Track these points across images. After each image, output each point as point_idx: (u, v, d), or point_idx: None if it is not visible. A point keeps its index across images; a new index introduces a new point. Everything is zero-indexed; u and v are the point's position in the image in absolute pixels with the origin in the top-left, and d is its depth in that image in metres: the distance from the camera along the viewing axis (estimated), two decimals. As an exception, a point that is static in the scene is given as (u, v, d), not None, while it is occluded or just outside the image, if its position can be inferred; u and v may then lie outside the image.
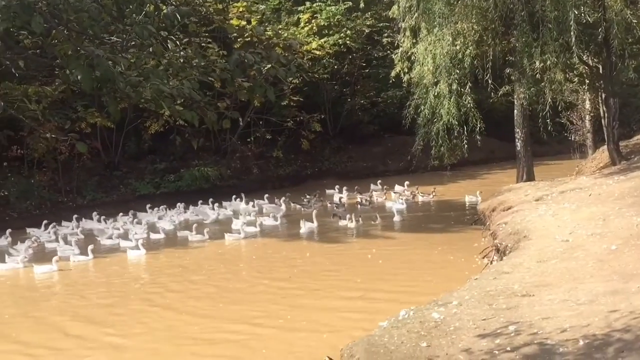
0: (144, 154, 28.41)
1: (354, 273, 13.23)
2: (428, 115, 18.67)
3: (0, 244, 18.44)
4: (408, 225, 18.76)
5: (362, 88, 33.52)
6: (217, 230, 19.15)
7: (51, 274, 14.88)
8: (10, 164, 24.89)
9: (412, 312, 7.51)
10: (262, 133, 29.86)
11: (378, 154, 33.04)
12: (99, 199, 25.31)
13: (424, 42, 18.77)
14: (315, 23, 30.88)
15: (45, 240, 18.76)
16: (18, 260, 15.67)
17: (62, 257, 15.69)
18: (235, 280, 13.47)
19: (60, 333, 10.63)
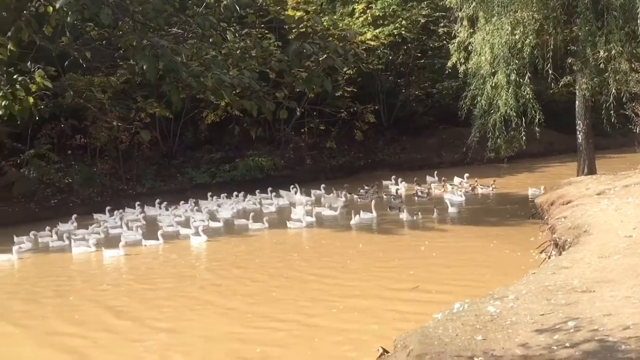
0: (200, 143, 29.02)
1: (406, 265, 13.16)
2: (485, 107, 18.34)
3: (67, 228, 19.21)
4: (464, 217, 18.50)
5: (417, 79, 33.12)
6: (276, 219, 19.43)
7: (118, 258, 15.46)
8: (74, 152, 25.88)
9: (466, 305, 7.42)
10: (315, 124, 29.98)
11: (432, 145, 32.67)
12: (157, 187, 26.03)
13: (481, 31, 18.40)
14: (370, 13, 30.70)
15: (110, 225, 19.41)
16: (90, 244, 16.31)
17: (128, 242, 16.28)
18: (288, 269, 13.61)
19: (118, 317, 10.96)
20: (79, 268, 15.29)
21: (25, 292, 13.21)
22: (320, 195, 23.07)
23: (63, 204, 23.70)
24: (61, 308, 11.70)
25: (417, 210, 18.42)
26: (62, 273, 14.66)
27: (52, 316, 11.28)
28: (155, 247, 16.60)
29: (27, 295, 12.85)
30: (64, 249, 17.10)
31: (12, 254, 16.00)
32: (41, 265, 15.84)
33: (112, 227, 19.33)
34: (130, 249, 16.12)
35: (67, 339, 9.94)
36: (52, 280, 13.96)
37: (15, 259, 16.00)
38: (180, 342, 9.48)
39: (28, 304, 12.12)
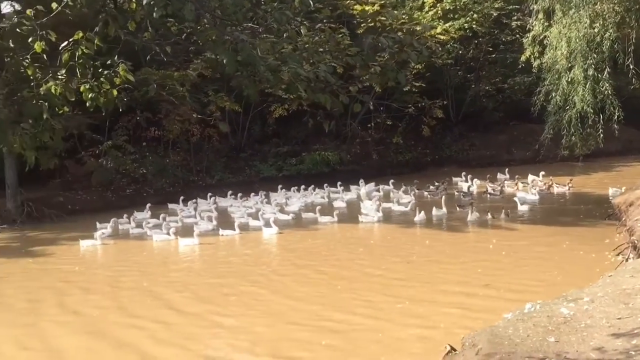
0: (268, 137, 29.49)
1: (474, 263, 12.92)
2: (560, 103, 17.71)
3: (143, 216, 20.05)
4: (536, 216, 17.97)
5: (488, 74, 32.35)
6: (345, 213, 19.59)
7: (193, 246, 16.00)
8: (149, 144, 26.86)
9: (538, 305, 7.24)
10: (382, 119, 29.83)
11: (502, 142, 31.88)
12: (226, 179, 26.67)
13: (558, 24, 17.75)
14: (440, 7, 30.21)
15: (185, 215, 20.09)
16: (170, 233, 16.95)
17: (201, 232, 16.92)
18: (355, 263, 13.63)
19: (175, 308, 11.18)
20: (158, 254, 15.91)
21: (101, 276, 13.85)
22: (389, 190, 23.00)
23: (137, 193, 24.68)
24: (135, 293, 12.17)
25: (486, 208, 17.99)
26: (140, 260, 15.24)
27: (126, 300, 11.73)
28: (230, 237, 17.09)
29: (102, 279, 13.46)
30: (142, 236, 17.94)
31: (96, 240, 16.93)
32: (122, 250, 16.58)
33: (187, 216, 20.01)
34: (205, 239, 16.64)
35: (128, 329, 10.02)
36: (128, 266, 14.58)
37: (99, 244, 16.86)
38: (246, 332, 9.63)
39: (102, 287, 12.70)
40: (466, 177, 24.19)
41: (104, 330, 9.97)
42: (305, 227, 18.17)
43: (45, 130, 4.91)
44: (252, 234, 17.50)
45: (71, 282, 13.37)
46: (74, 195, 24.05)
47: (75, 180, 25.04)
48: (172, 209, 21.44)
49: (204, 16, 4.49)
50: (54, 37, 5.86)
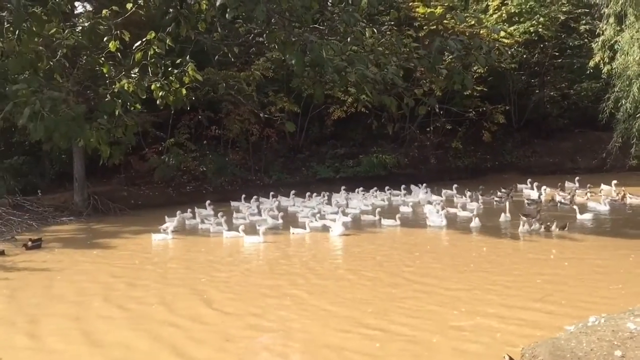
0: (325, 139, 29.62)
1: (534, 273, 12.57)
2: (630, 110, 17.12)
3: (207, 213, 20.64)
4: (602, 228, 17.32)
5: (553, 79, 31.50)
6: (409, 217, 19.61)
7: (258, 244, 16.34)
8: (209, 142, 27.45)
9: (602, 319, 7.00)
10: (442, 123, 29.47)
11: (566, 149, 30.92)
12: (283, 179, 26.96)
13: (630, 29, 17.16)
14: (505, 10, 29.60)
15: (249, 213, 20.52)
16: (240, 230, 17.26)
17: (267, 229, 17.36)
18: (412, 269, 13.50)
19: (219, 308, 11.39)
20: (224, 251, 16.23)
21: (162, 271, 14.23)
22: (452, 195, 22.68)
23: (197, 190, 25.28)
24: (186, 290, 12.44)
25: (550, 219, 17.36)
26: (202, 256, 15.53)
27: (181, 294, 12.00)
28: (299, 235, 17.43)
29: (156, 275, 13.83)
30: (207, 232, 18.49)
31: (167, 234, 17.49)
32: (189, 246, 16.95)
33: (252, 214, 20.50)
34: (269, 237, 16.94)
35: (170, 327, 10.03)
36: (188, 262, 14.93)
37: (170, 238, 17.41)
38: (299, 330, 9.64)
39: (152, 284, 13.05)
40: (532, 184, 23.50)
41: (147, 327, 10.03)
42: (366, 229, 18.15)
43: (118, 126, 5.11)
44: (317, 234, 17.57)
45: (133, 275, 13.80)
46: (137, 190, 24.87)
47: (139, 175, 25.89)
48: (234, 207, 21.87)
49: (274, 17, 4.57)
50: (127, 36, 6.10)
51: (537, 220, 16.81)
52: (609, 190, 21.89)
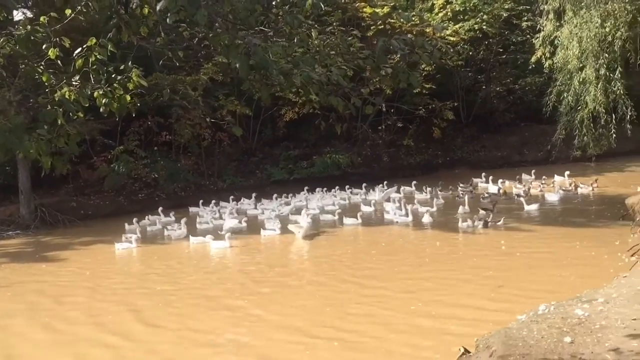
0: (278, 140, 29.56)
1: (487, 264, 12.87)
2: (571, 103, 17.69)
3: (168, 219, 20.35)
4: (549, 218, 17.84)
5: (498, 75, 32.30)
6: (370, 215, 19.78)
7: (225, 249, 16.14)
8: (160, 148, 27.00)
9: (552, 307, 7.21)
10: (393, 121, 29.80)
11: (513, 143, 31.75)
12: (237, 183, 26.77)
13: (569, 24, 17.74)
14: (450, 8, 30.18)
15: (212, 217, 20.38)
16: (206, 237, 17.01)
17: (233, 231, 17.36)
18: (368, 265, 13.61)
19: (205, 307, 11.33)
20: (187, 258, 16.02)
21: (115, 281, 13.93)
22: (411, 191, 22.91)
23: (149, 198, 24.83)
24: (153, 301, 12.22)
25: (500, 213, 17.70)
26: (163, 265, 15.19)
27: (137, 306, 11.78)
28: (271, 236, 17.48)
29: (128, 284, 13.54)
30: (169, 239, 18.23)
31: (131, 243, 17.12)
32: (155, 253, 16.56)
33: (213, 218, 20.30)
34: (237, 241, 16.81)
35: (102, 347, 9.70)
36: (145, 272, 14.65)
37: (134, 246, 17.05)
38: (247, 345, 9.51)
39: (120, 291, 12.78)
40: (487, 178, 23.94)
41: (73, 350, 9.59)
42: (328, 230, 18.20)
43: (60, 135, 4.96)
44: (287, 236, 17.44)
45: (82, 286, 13.45)
46: (86, 200, 24.25)
47: (88, 185, 25.26)
48: (193, 212, 21.52)
49: (217, 21, 4.53)
50: (67, 43, 5.94)
51: (478, 217, 17.11)
52: (562, 181, 22.58)
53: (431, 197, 21.40)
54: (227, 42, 4.43)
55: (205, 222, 19.61)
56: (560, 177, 23.07)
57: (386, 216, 18.94)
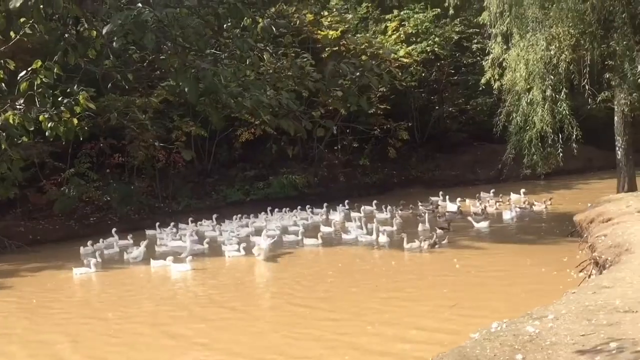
0: (234, 162, 29.36)
1: (441, 283, 13.03)
2: (520, 123, 18.18)
3: (126, 242, 19.91)
4: (503, 235, 18.21)
5: (451, 95, 33.03)
6: (332, 235, 19.79)
7: (186, 272, 15.85)
8: (113, 171, 26.44)
9: (504, 324, 7.30)
10: (349, 141, 30.04)
11: (467, 162, 32.40)
12: (193, 205, 26.36)
13: (516, 47, 18.31)
14: (403, 31, 30.80)
15: (171, 239, 20.05)
16: (167, 260, 16.66)
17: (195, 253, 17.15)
18: (323, 287, 13.58)
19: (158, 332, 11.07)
20: (146, 282, 15.63)
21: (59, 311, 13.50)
22: (371, 210, 22.96)
23: (101, 221, 24.22)
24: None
25: (424, 236, 17.83)
26: (117, 290, 14.80)
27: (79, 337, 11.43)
28: (238, 257, 17.26)
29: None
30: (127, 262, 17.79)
31: (90, 267, 16.60)
32: (112, 278, 16.19)
33: (173, 240, 19.99)
34: (199, 264, 16.54)
35: None
36: (94, 298, 14.23)
37: (93, 271, 16.55)
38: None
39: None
40: (444, 196, 24.24)
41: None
42: (288, 250, 18.10)
43: (2, 161, 4.80)
44: (245, 258, 17.24)
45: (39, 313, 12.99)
46: (35, 224, 23.49)
47: (37, 209, 24.46)
48: (149, 235, 20.97)
49: (165, 44, 4.49)
50: (12, 65, 5.78)
51: (423, 237, 17.21)
52: (518, 199, 23.10)
53: (391, 216, 21.57)
54: (177, 66, 4.39)
55: (164, 244, 19.26)
56: (516, 195, 23.63)
57: (347, 236, 18.88)
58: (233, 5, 4.74)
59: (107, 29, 4.05)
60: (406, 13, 31.55)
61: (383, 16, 32.60)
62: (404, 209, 22.83)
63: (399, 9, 32.63)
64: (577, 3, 16.97)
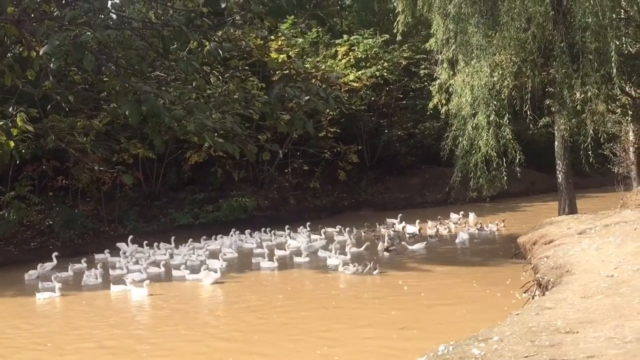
0: (183, 184, 28.90)
1: (388, 306, 13.06)
2: (466, 147, 18.58)
3: (81, 266, 19.10)
4: (449, 256, 18.46)
5: (399, 119, 33.59)
6: (288, 257, 19.63)
7: (144, 298, 15.41)
8: (56, 193, 25.59)
9: (451, 347, 7.35)
10: (299, 164, 30.08)
11: (415, 185, 32.88)
12: (140, 229, 25.71)
13: (461, 73, 18.78)
14: (352, 55, 31.22)
15: (125, 263, 19.12)
16: (128, 283, 16.22)
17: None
18: (273, 311, 13.43)
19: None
20: (105, 308, 15.20)
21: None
22: (332, 233, 22.72)
23: (43, 246, 23.33)
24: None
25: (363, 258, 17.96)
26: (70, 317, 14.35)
27: None
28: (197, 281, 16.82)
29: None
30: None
31: (54, 292, 16.03)
32: (72, 303, 15.65)
33: (128, 265, 19.11)
34: (158, 288, 16.10)
35: None
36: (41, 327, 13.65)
37: (58, 295, 15.97)
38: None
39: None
40: (401, 219, 24.16)
41: None
42: (243, 274, 17.85)
43: None
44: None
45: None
46: (-29, 249, 22.45)
47: (-26, 233, 23.40)
48: (99, 259, 20.20)
49: (106, 66, 4.40)
50: (-55, 85, 5.55)
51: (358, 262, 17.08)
52: (475, 220, 23.53)
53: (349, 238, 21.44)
54: (118, 88, 4.30)
55: (119, 268, 18.68)
56: (455, 216, 24.25)
57: (329, 261, 18.32)
58: (178, 28, 4.70)
59: (44, 50, 3.94)
60: (356, 38, 32.04)
61: (333, 41, 33.01)
62: (368, 231, 22.82)
63: (349, 34, 33.14)
64: (519, 32, 17.59)
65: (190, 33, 4.71)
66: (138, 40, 4.80)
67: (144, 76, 4.66)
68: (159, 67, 5.46)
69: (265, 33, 5.05)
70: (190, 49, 5.29)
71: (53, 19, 4.56)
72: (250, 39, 24.28)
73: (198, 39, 5.19)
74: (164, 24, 4.85)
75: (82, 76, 5.69)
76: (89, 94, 5.92)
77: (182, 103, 4.65)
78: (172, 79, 5.37)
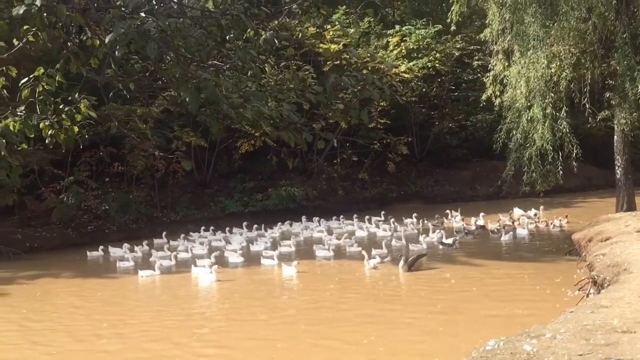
0: (234, 173, 29.33)
1: (435, 299, 12.95)
2: (520, 140, 18.20)
3: (122, 253, 19.74)
4: (496, 252, 18.12)
5: (451, 111, 33.09)
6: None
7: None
8: (112, 179, 26.39)
9: (501, 342, 7.24)
10: (348, 155, 30.05)
11: (466, 178, 32.40)
12: (191, 215, 26.30)
13: (517, 64, 18.38)
14: (404, 46, 30.93)
15: (181, 250, 19.91)
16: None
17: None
18: (308, 304, 13.45)
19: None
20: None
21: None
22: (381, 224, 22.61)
23: (99, 230, 24.16)
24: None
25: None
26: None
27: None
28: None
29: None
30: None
31: (154, 270, 16.78)
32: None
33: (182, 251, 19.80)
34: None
35: None
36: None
37: (158, 274, 16.66)
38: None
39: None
40: (452, 212, 23.76)
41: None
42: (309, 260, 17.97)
43: (1, 167, 4.79)
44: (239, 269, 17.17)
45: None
46: (32, 232, 23.39)
47: (35, 216, 24.38)
48: (158, 244, 20.76)
49: (167, 54, 4.50)
50: (14, 72, 5.79)
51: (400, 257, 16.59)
52: (520, 214, 22.94)
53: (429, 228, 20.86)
54: (178, 76, 4.40)
55: (184, 251, 19.50)
56: (519, 210, 23.50)
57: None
58: (236, 17, 4.76)
59: (109, 38, 4.06)
60: (408, 29, 31.70)
61: (385, 31, 32.75)
62: (437, 223, 22.14)
63: (401, 24, 32.81)
64: (579, 22, 17.06)
65: (248, 21, 4.77)
66: (197, 29, 4.89)
67: (203, 64, 4.75)
68: (215, 55, 5.55)
69: (322, 20, 5.05)
70: (246, 38, 5.36)
71: (117, 8, 4.69)
72: (305, 28, 24.45)
73: (255, 27, 5.25)
74: (223, 13, 4.92)
75: (142, 64, 5.83)
76: (149, 82, 6.07)
77: (239, 91, 4.72)
78: (228, 67, 5.45)
